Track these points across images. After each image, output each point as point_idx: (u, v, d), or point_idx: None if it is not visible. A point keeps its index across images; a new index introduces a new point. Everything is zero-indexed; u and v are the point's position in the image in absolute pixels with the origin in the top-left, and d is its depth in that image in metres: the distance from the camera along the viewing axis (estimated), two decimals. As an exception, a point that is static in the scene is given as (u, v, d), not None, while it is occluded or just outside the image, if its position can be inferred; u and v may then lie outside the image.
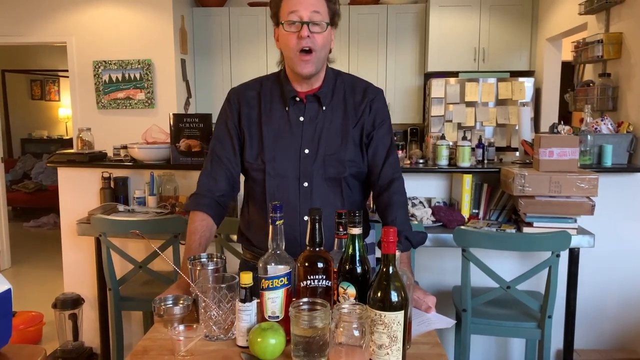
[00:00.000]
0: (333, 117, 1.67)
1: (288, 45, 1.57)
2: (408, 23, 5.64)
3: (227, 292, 1.29)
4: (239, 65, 5.75)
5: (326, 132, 1.65)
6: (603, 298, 2.99)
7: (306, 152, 1.64)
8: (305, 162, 1.63)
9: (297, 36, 1.54)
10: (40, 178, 7.90)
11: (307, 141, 1.64)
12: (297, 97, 1.66)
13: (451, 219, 2.71)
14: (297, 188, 1.63)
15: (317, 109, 1.66)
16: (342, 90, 1.70)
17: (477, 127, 5.17)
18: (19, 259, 5.55)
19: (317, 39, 1.55)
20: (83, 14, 5.24)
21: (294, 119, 1.66)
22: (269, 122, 1.66)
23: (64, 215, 3.24)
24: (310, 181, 1.63)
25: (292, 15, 1.54)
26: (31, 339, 3.50)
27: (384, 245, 1.11)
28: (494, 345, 3.00)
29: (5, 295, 1.20)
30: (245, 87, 1.74)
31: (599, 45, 3.52)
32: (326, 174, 1.64)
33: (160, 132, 3.12)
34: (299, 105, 1.67)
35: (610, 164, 2.87)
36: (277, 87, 1.69)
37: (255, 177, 1.68)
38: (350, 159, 1.65)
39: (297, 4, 1.53)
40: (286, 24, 1.55)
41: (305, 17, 1.53)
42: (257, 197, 1.69)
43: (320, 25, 1.55)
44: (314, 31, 1.54)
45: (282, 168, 1.64)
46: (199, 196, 1.68)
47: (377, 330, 1.09)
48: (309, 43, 1.54)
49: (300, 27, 1.53)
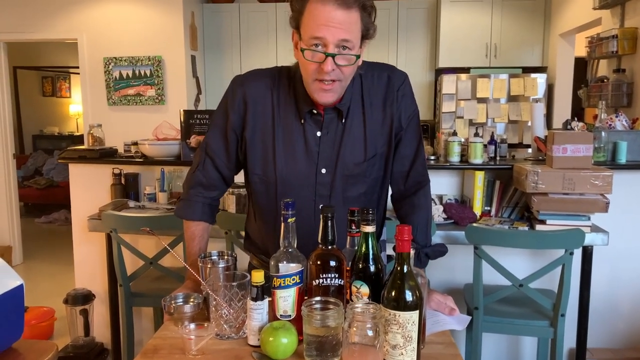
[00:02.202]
0: (352, 128, 1.45)
1: (306, 69, 1.33)
2: (419, 18, 5.61)
3: (238, 291, 1.28)
4: (249, 61, 5.74)
5: (345, 149, 1.45)
6: (616, 297, 2.96)
7: (323, 171, 1.45)
8: (321, 184, 1.46)
9: (319, 66, 1.29)
10: (51, 174, 7.95)
11: (324, 159, 1.45)
12: (315, 110, 1.44)
13: (463, 216, 2.69)
14: (312, 209, 1.46)
15: (337, 122, 1.45)
16: (359, 91, 1.46)
17: (489, 124, 5.13)
18: (31, 254, 5.59)
19: (344, 70, 1.31)
20: (94, 11, 5.25)
21: (311, 134, 1.44)
22: (282, 133, 1.45)
23: (75, 211, 3.25)
24: (326, 203, 1.45)
25: (315, 40, 1.27)
26: (43, 334, 3.52)
27: (399, 244, 1.09)
28: (506, 343, 2.98)
29: (18, 291, 1.21)
30: (256, 77, 1.49)
31: (614, 41, 3.48)
32: (345, 193, 1.47)
33: (170, 129, 3.12)
34: (316, 119, 1.44)
35: (624, 161, 2.83)
36: (292, 93, 1.45)
37: (263, 190, 1.50)
38: (374, 177, 1.50)
39: (323, 29, 1.25)
40: (306, 53, 1.29)
41: (331, 47, 1.26)
42: (265, 209, 1.52)
43: (349, 59, 1.30)
44: (341, 64, 1.30)
45: (295, 189, 1.45)
46: (190, 203, 1.54)
47: (391, 330, 1.07)
48: (332, 76, 1.30)
49: (324, 58, 1.27)
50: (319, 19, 1.25)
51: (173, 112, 4.96)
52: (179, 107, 4.37)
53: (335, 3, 1.24)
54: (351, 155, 1.46)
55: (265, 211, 1.53)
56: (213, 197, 1.57)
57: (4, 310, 1.16)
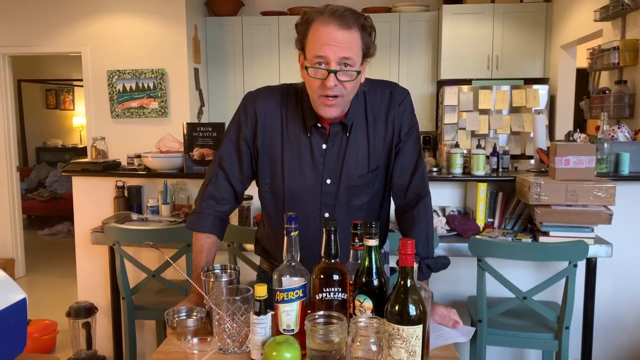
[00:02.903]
0: (357, 141, 1.54)
1: (311, 86, 1.43)
2: (420, 31, 5.63)
3: (241, 305, 1.27)
4: (252, 74, 5.76)
5: (349, 161, 1.53)
6: (621, 309, 2.94)
7: (328, 182, 1.54)
8: (327, 193, 1.54)
9: (323, 83, 1.38)
10: (54, 186, 7.96)
11: (329, 171, 1.53)
12: (320, 124, 1.52)
13: (466, 228, 2.69)
14: (317, 220, 1.54)
15: (341, 136, 1.54)
16: (362, 107, 1.55)
17: (491, 135, 5.13)
18: (34, 267, 5.59)
19: (346, 86, 1.40)
20: (97, 25, 5.29)
21: (317, 147, 1.53)
22: (289, 146, 1.53)
23: (78, 223, 3.25)
24: (331, 212, 1.54)
25: (318, 59, 1.37)
26: (45, 347, 3.51)
27: (402, 258, 1.09)
28: (510, 356, 2.96)
29: (21, 305, 1.20)
30: (267, 94, 1.58)
31: (615, 52, 3.49)
32: (349, 202, 1.54)
33: (173, 141, 3.13)
34: (321, 132, 1.53)
35: (627, 172, 2.83)
36: (299, 108, 1.54)
37: (272, 198, 1.59)
38: (377, 188, 1.58)
39: (325, 48, 1.35)
40: (310, 70, 1.39)
41: (334, 64, 1.36)
42: (274, 217, 1.60)
43: (350, 75, 1.39)
44: (343, 80, 1.38)
45: (301, 198, 1.54)
46: (201, 215, 1.60)
47: (394, 344, 1.07)
48: (335, 91, 1.39)
49: (327, 75, 1.37)
50: (321, 39, 1.36)
51: (176, 124, 4.98)
52: (182, 120, 4.39)
53: (336, 24, 1.35)
54: (355, 167, 1.54)
55: (274, 219, 1.60)
56: (224, 211, 1.63)
57: (6, 324, 1.15)
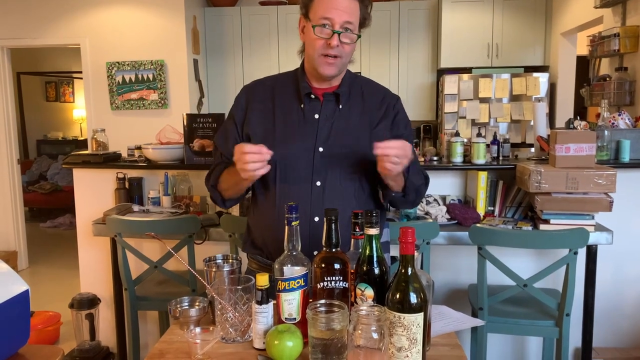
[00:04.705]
0: (350, 116, 1.63)
1: (314, 46, 1.55)
2: (420, 19, 5.61)
3: (243, 294, 1.28)
4: (251, 64, 5.75)
5: (342, 131, 1.61)
6: (621, 296, 2.95)
7: (320, 150, 1.59)
8: (319, 161, 1.59)
9: (326, 42, 1.52)
10: (56, 179, 7.97)
11: (322, 139, 1.60)
12: (313, 95, 1.63)
13: (466, 217, 2.69)
14: (309, 187, 1.58)
15: (334, 107, 1.63)
16: (359, 91, 1.68)
17: (491, 124, 5.12)
18: (36, 259, 5.61)
19: (346, 48, 1.55)
20: (96, 16, 5.27)
21: (309, 116, 1.62)
22: (282, 117, 1.63)
23: (79, 215, 3.26)
24: (323, 180, 1.58)
25: (324, 20, 1.51)
26: (49, 338, 3.53)
27: (402, 246, 1.09)
28: (511, 343, 2.97)
29: (23, 297, 1.21)
30: (259, 82, 1.73)
31: (616, 39, 3.48)
32: (341, 173, 1.60)
33: (173, 133, 3.13)
34: (314, 103, 1.63)
35: (628, 160, 2.83)
36: (292, 83, 1.67)
37: (264, 174, 1.61)
38: (368, 159, 1.59)
39: (331, 9, 1.50)
40: (317, 29, 1.53)
41: (338, 26, 1.51)
42: (265, 196, 1.64)
43: (351, 37, 1.54)
44: (344, 41, 1.53)
45: (294, 166, 1.59)
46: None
47: (396, 332, 1.07)
48: (336, 51, 1.53)
49: (331, 34, 1.51)
50: (328, 3, 1.52)
51: (176, 116, 4.98)
52: (181, 111, 4.39)
53: None
54: (346, 137, 1.61)
55: (265, 199, 1.64)
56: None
57: (10, 316, 1.16)
